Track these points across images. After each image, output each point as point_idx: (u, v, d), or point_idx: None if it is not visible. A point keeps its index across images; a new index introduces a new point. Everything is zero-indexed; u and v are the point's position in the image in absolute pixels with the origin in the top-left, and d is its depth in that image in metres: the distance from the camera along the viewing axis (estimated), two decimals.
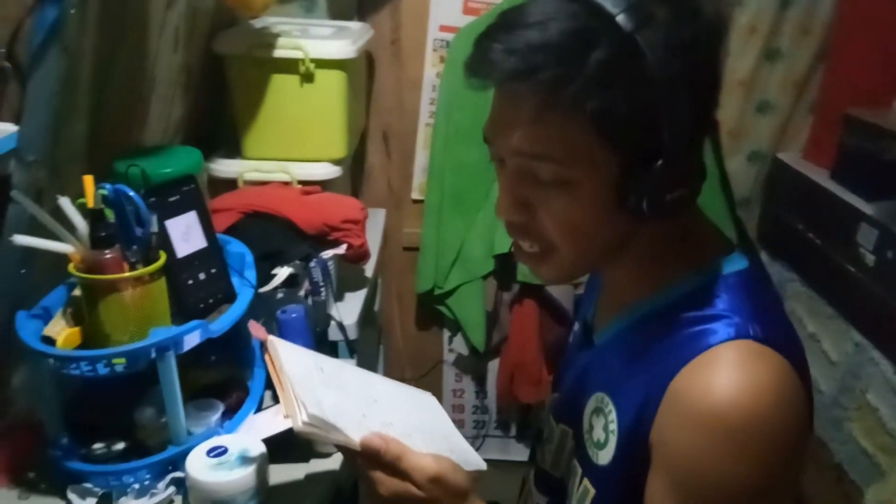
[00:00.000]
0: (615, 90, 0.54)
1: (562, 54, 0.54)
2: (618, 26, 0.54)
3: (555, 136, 0.57)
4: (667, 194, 0.57)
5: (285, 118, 1.39)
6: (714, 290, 0.62)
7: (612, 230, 0.61)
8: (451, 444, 0.75)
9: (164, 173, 0.93)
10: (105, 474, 0.84)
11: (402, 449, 0.65)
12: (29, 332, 0.81)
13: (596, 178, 0.58)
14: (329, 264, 1.18)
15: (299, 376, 0.69)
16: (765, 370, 0.57)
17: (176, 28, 1.14)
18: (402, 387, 0.85)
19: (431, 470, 0.64)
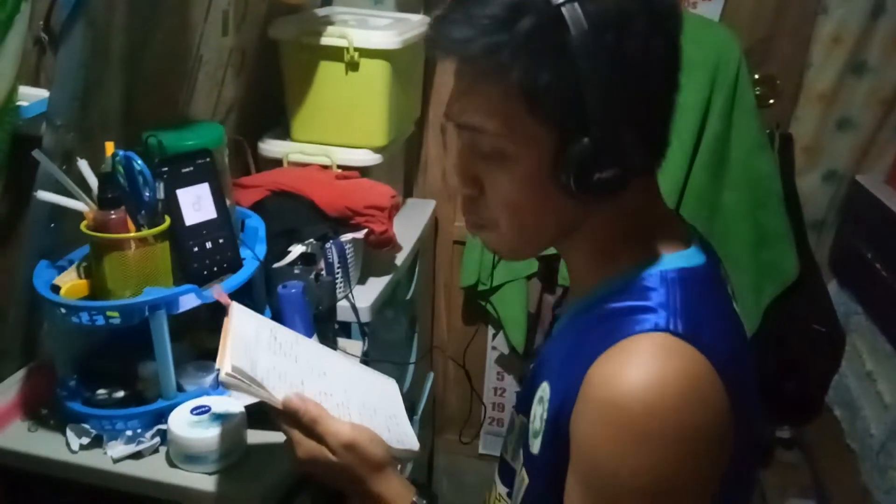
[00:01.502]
0: (539, 61, 0.55)
1: (493, 25, 0.55)
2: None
3: (488, 107, 0.58)
4: (595, 173, 0.56)
5: (330, 104, 1.44)
6: (650, 283, 0.61)
7: (555, 211, 0.61)
8: (390, 422, 0.76)
9: (183, 145, 0.99)
10: (100, 418, 0.91)
11: (320, 412, 0.67)
12: (42, 280, 0.89)
13: (532, 153, 0.58)
14: (347, 247, 1.22)
15: (242, 336, 0.72)
16: (676, 364, 0.55)
17: (224, 12, 1.21)
18: (362, 369, 0.88)
19: (346, 436, 0.66)
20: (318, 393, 0.72)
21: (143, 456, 0.90)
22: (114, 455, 0.89)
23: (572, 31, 0.54)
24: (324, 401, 0.70)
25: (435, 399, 2.16)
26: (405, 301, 1.64)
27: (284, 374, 0.72)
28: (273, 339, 0.78)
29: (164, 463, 0.90)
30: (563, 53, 0.54)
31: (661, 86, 0.60)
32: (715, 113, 1.59)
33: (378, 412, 0.77)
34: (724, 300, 0.65)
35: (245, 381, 0.66)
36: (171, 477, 0.87)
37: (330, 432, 0.67)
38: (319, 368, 0.79)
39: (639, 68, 0.56)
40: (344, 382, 0.79)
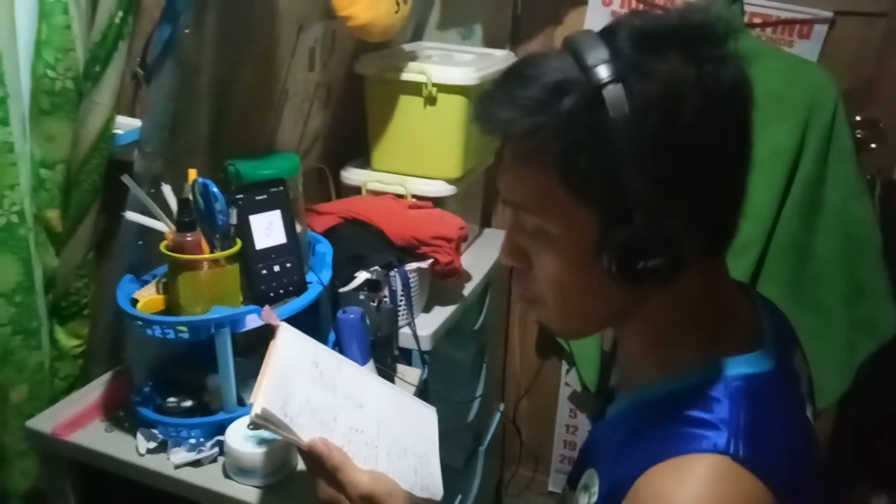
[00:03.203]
0: (577, 142, 0.54)
1: (535, 106, 0.55)
2: (590, 78, 0.53)
3: (528, 186, 0.58)
4: (638, 261, 0.54)
5: (408, 136, 1.48)
6: (715, 393, 0.58)
7: (603, 294, 0.59)
8: (418, 464, 0.77)
9: (259, 174, 1.06)
10: (167, 425, 0.98)
11: (343, 461, 0.69)
12: (124, 293, 0.98)
13: (573, 234, 0.57)
14: (411, 276, 1.25)
15: (281, 369, 0.75)
16: (733, 493, 0.53)
17: (311, 49, 1.29)
18: (402, 397, 0.89)
19: (364, 488, 0.68)
20: (349, 429, 0.73)
21: (201, 464, 0.96)
22: (175, 461, 0.95)
23: (611, 113, 0.52)
24: (353, 438, 0.72)
25: (505, 431, 2.15)
26: (473, 331, 1.65)
27: (318, 409, 0.74)
28: (314, 367, 0.81)
29: (220, 473, 0.95)
30: (603, 136, 0.52)
31: (719, 169, 0.56)
32: (808, 156, 1.51)
33: (408, 452, 0.78)
34: (794, 410, 0.62)
35: (273, 424, 0.69)
36: (223, 487, 0.92)
37: (349, 481, 0.68)
38: (356, 400, 0.81)
39: (689, 153, 0.54)
40: (379, 417, 0.81)
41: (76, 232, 1.06)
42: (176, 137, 1.01)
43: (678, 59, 0.53)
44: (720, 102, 0.54)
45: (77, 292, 1.11)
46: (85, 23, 0.93)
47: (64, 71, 0.95)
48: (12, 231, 1.00)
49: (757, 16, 1.59)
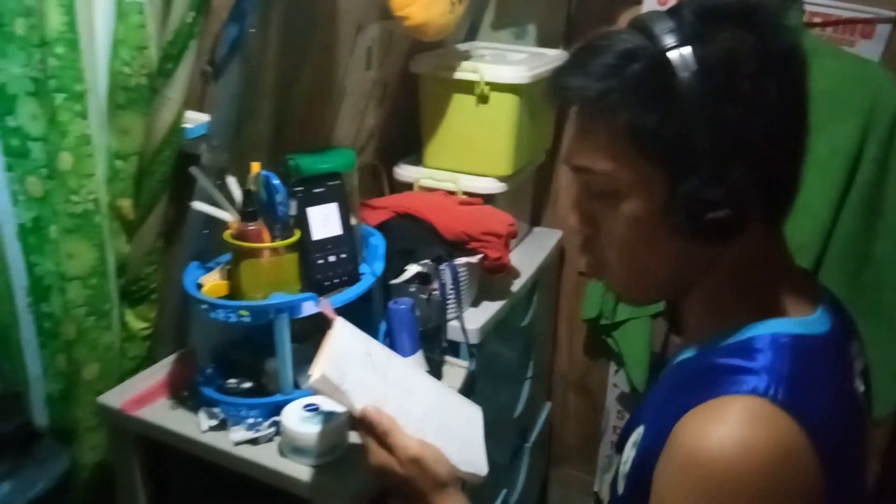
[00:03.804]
0: (646, 103, 0.58)
1: (605, 71, 0.59)
2: (657, 44, 0.58)
3: (598, 149, 0.62)
4: (706, 213, 0.57)
5: (460, 134, 1.51)
6: (758, 345, 0.60)
7: (669, 254, 0.63)
8: (464, 445, 0.79)
9: (318, 168, 1.10)
10: (228, 404, 1.03)
11: (393, 425, 0.72)
12: (191, 279, 1.03)
13: (642, 193, 0.61)
14: (460, 270, 1.28)
15: (338, 349, 0.79)
16: (766, 433, 0.54)
17: (368, 49, 1.33)
18: (450, 393, 0.92)
19: (413, 451, 0.71)
20: (398, 409, 0.77)
21: (259, 443, 1.00)
22: (235, 438, 1.00)
23: (680, 74, 0.56)
24: (402, 417, 0.75)
25: (551, 430, 2.15)
26: (521, 327, 1.66)
27: (370, 388, 0.78)
28: (367, 356, 0.85)
29: (276, 452, 0.99)
30: (670, 96, 0.57)
31: (778, 128, 0.59)
32: (868, 158, 1.48)
33: (454, 435, 0.80)
34: (841, 377, 0.63)
35: (330, 388, 0.73)
36: (279, 465, 0.97)
37: (399, 445, 0.72)
38: (405, 386, 0.85)
39: (751, 110, 0.57)
40: (426, 403, 0.84)
41: (146, 220, 1.12)
42: (240, 132, 1.07)
43: (737, 27, 0.58)
44: (777, 66, 0.58)
45: (146, 277, 1.17)
46: (158, 22, 0.99)
47: (139, 68, 1.01)
48: (88, 218, 1.07)
49: (817, 15, 1.56)
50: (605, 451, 2.12)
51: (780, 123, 0.59)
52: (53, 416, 1.18)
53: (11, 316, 1.08)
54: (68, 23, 0.97)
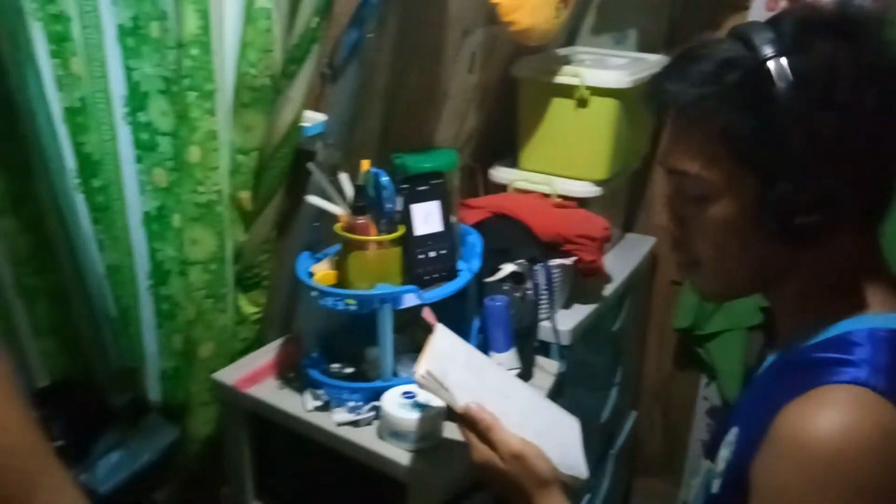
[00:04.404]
0: (742, 109, 0.59)
1: (703, 78, 0.61)
2: (755, 54, 0.59)
3: (693, 152, 0.64)
4: (796, 217, 0.59)
5: (558, 137, 1.53)
6: (857, 339, 0.61)
7: (759, 255, 0.64)
8: (563, 450, 0.81)
9: (422, 167, 1.15)
10: (331, 387, 1.09)
11: (495, 422, 0.74)
12: (303, 267, 1.10)
13: (735, 196, 0.63)
14: (554, 271, 1.30)
15: (440, 351, 0.83)
16: (871, 418, 0.55)
17: (472, 53, 1.37)
18: (547, 403, 0.94)
19: (515, 447, 0.73)
20: (498, 410, 0.79)
21: (359, 425, 1.06)
22: (337, 419, 1.06)
23: (777, 83, 0.58)
24: (502, 417, 0.77)
25: (636, 439, 2.13)
26: (610, 332, 1.66)
27: (470, 388, 0.81)
28: (467, 360, 0.89)
29: (375, 435, 1.04)
30: (766, 103, 0.58)
31: (874, 138, 0.60)
32: None
33: (553, 439, 0.82)
34: None
35: (434, 384, 0.77)
36: (377, 447, 1.02)
37: (501, 440, 0.74)
38: (503, 391, 0.88)
39: (847, 120, 0.58)
40: (524, 408, 0.87)
41: (263, 212, 1.20)
42: (353, 131, 1.13)
43: (837, 39, 0.59)
44: (876, 77, 0.59)
45: (259, 265, 1.26)
46: (284, 27, 1.07)
47: (264, 69, 1.09)
48: (212, 208, 1.16)
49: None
50: (692, 465, 2.08)
51: (876, 134, 0.59)
52: (167, 392, 1.28)
53: (132, 298, 1.19)
54: (203, 26, 1.06)
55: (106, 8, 1.05)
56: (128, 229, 1.15)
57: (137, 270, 1.18)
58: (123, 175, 1.13)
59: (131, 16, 1.06)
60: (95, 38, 1.05)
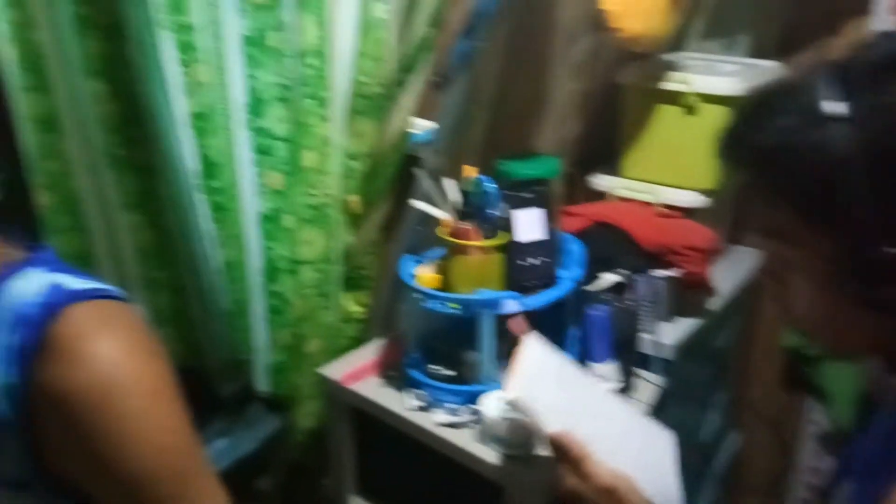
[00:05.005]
0: (815, 172, 0.56)
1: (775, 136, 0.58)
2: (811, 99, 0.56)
3: (765, 213, 0.60)
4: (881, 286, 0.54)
5: (663, 145, 1.50)
6: None
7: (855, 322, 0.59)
8: (656, 476, 0.79)
9: (526, 174, 1.15)
10: (432, 388, 1.12)
11: (585, 453, 0.73)
12: (406, 270, 1.13)
13: (813, 260, 0.58)
14: (658, 282, 1.27)
15: (529, 368, 0.83)
16: None
17: (577, 60, 1.37)
18: (640, 418, 0.92)
19: (605, 481, 0.71)
20: (590, 433, 0.77)
21: (458, 427, 1.08)
22: (438, 420, 1.08)
23: (854, 145, 0.54)
24: (593, 442, 0.75)
25: (738, 461, 2.04)
26: (714, 349, 1.60)
27: (561, 410, 0.80)
28: (558, 374, 0.88)
29: (474, 437, 1.06)
30: (837, 166, 0.54)
31: None
32: None
33: (647, 467, 0.80)
34: None
35: (521, 409, 0.77)
36: (476, 450, 1.03)
37: (591, 474, 0.72)
38: (596, 409, 0.86)
39: None
40: (618, 428, 0.85)
41: (370, 215, 1.25)
42: (459, 138, 1.15)
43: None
44: None
45: (365, 266, 1.30)
46: (397, 37, 1.11)
47: (377, 78, 1.13)
48: (323, 210, 1.22)
49: None
50: (796, 491, 1.97)
51: None
52: (274, 384, 1.35)
53: (245, 293, 1.26)
54: (321, 36, 1.12)
55: (230, 19, 1.12)
56: (243, 228, 1.22)
57: (251, 267, 1.25)
58: (241, 177, 1.20)
59: (253, 26, 1.12)
60: (220, 48, 1.12)
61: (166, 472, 0.57)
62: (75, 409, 0.54)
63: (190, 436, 0.60)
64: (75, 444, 0.55)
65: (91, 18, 1.05)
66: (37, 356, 0.55)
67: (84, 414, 0.54)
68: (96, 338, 0.56)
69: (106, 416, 0.55)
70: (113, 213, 1.18)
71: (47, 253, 0.61)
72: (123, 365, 0.56)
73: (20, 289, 0.57)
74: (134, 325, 0.60)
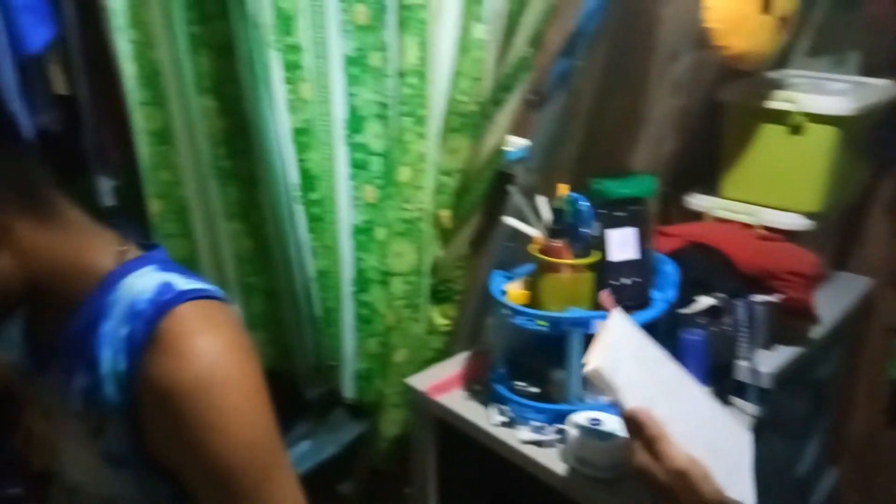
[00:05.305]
0: None
1: None
2: None
3: None
4: None
5: (766, 165, 1.44)
6: None
7: None
8: (730, 467, 0.76)
9: (621, 193, 1.14)
10: (517, 404, 1.12)
11: (662, 433, 0.70)
12: (496, 286, 1.14)
13: None
14: (757, 308, 1.22)
15: (613, 342, 0.81)
16: None
17: (677, 78, 1.34)
18: (720, 409, 0.88)
19: (680, 463, 0.69)
20: (667, 414, 0.75)
21: (543, 445, 1.07)
22: (522, 437, 1.08)
23: None
24: (670, 423, 0.73)
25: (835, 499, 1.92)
26: (814, 380, 1.52)
27: (640, 387, 0.78)
28: (640, 353, 0.86)
29: (559, 457, 1.05)
30: None
31: None
32: None
33: (721, 456, 0.77)
34: None
35: (601, 382, 0.75)
36: (561, 469, 1.02)
37: (665, 454, 0.69)
38: (675, 393, 0.83)
39: None
40: (695, 413, 0.82)
41: (461, 230, 1.26)
42: (553, 155, 1.15)
43: None
44: None
45: (453, 280, 1.32)
46: (496, 56, 1.12)
47: (474, 96, 1.15)
48: (415, 224, 1.24)
49: None
50: None
51: None
52: (360, 391, 1.38)
53: (336, 301, 1.30)
54: (422, 57, 1.15)
55: (334, 39, 1.16)
56: (337, 239, 1.26)
57: (343, 277, 1.29)
58: (338, 190, 1.24)
59: (356, 46, 1.17)
60: (323, 67, 1.17)
61: (253, 465, 0.60)
62: (177, 401, 0.58)
63: (276, 433, 0.63)
64: (174, 432, 0.59)
65: (204, 38, 1.12)
66: (146, 349, 0.59)
67: (185, 405, 0.58)
68: (200, 336, 0.60)
69: (204, 409, 0.58)
70: (216, 221, 1.24)
71: (159, 252, 0.66)
72: (224, 363, 0.60)
73: (135, 285, 0.62)
74: (233, 325, 0.63)
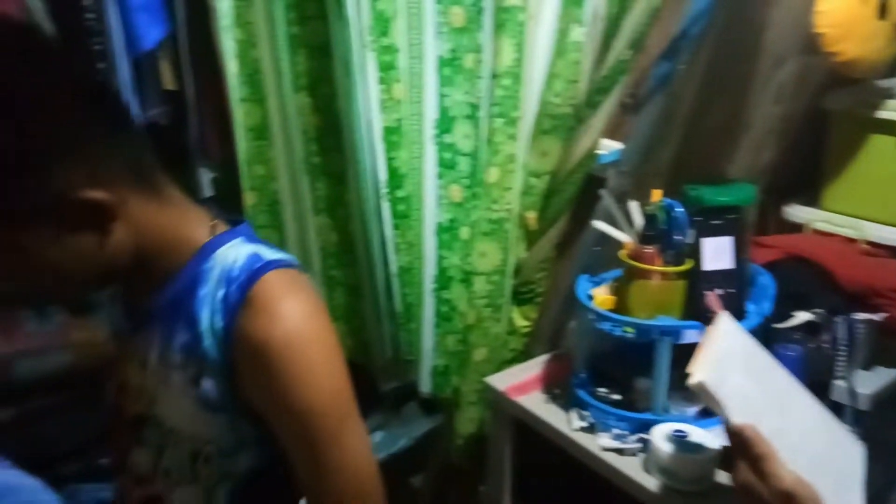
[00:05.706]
0: None
1: None
2: None
3: None
4: None
5: (874, 178, 1.37)
6: None
7: None
8: (839, 487, 0.72)
9: (718, 200, 1.10)
10: (599, 410, 1.10)
11: (769, 452, 0.68)
12: (582, 290, 1.13)
13: None
14: (858, 326, 1.16)
15: (720, 350, 0.78)
16: None
17: (781, 84, 1.29)
18: (830, 419, 0.84)
19: (786, 485, 0.66)
20: (774, 428, 0.72)
21: (624, 454, 1.06)
22: (602, 444, 1.07)
23: None
24: (776, 437, 0.70)
25: None
26: None
27: (747, 399, 0.75)
28: (748, 360, 0.82)
29: (639, 466, 1.03)
30: None
31: None
32: None
33: (829, 472, 0.73)
34: None
35: (707, 395, 0.73)
36: (642, 479, 1.00)
37: (771, 474, 0.67)
38: (785, 404, 0.80)
39: None
40: (804, 427, 0.79)
41: (547, 232, 1.26)
42: (647, 159, 1.13)
43: None
44: None
45: (535, 282, 1.32)
46: (593, 59, 1.11)
47: (567, 99, 1.14)
48: (501, 224, 1.25)
49: None
50: None
51: None
52: (436, 386, 1.40)
53: (418, 297, 1.32)
54: (517, 59, 1.15)
55: (429, 41, 1.18)
56: (422, 237, 1.29)
57: (425, 274, 1.32)
58: (425, 189, 1.26)
59: (450, 48, 1.18)
60: (417, 68, 1.19)
61: (332, 412, 0.67)
62: (269, 355, 0.65)
63: (350, 387, 0.69)
64: (265, 382, 0.66)
65: (303, 38, 1.16)
66: (241, 310, 0.66)
67: (275, 359, 0.65)
68: (288, 299, 0.67)
69: (292, 362, 0.65)
70: (305, 215, 1.29)
71: (245, 226, 0.74)
72: (309, 322, 0.67)
73: (228, 255, 0.69)
74: (312, 290, 0.71)
